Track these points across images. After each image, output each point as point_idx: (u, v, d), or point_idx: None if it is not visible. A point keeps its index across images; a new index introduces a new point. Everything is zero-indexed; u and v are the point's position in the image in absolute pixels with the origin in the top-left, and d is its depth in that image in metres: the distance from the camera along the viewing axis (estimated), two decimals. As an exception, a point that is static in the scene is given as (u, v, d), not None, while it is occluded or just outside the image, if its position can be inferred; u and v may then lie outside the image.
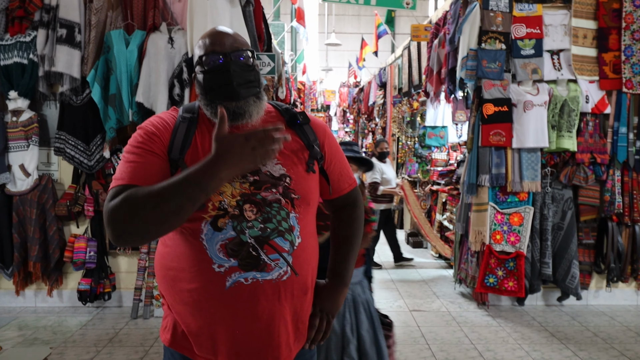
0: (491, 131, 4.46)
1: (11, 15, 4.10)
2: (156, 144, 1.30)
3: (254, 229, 1.29)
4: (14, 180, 4.16)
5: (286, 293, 1.33)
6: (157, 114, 1.42)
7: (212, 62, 1.32)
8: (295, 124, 1.43)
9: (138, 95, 4.05)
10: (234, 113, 1.31)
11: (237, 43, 1.35)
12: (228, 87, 1.30)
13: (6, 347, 3.58)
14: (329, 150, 1.49)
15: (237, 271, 1.28)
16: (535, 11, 4.51)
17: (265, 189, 1.32)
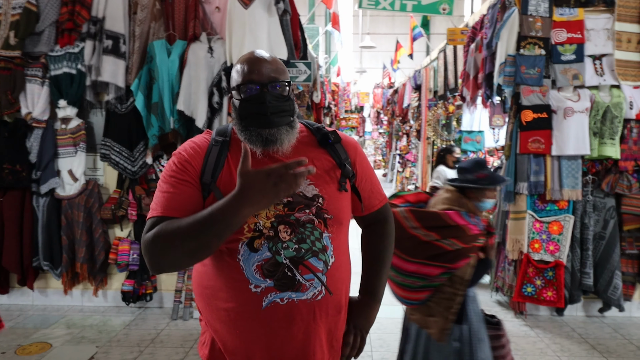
0: (530, 138, 4.39)
1: (61, 28, 4.29)
2: (188, 173, 1.35)
3: (288, 250, 1.33)
4: (62, 185, 4.36)
5: (321, 312, 1.36)
6: (191, 139, 1.47)
7: (248, 91, 1.36)
8: (327, 143, 1.46)
9: (179, 103, 4.18)
10: (266, 140, 1.35)
11: (274, 72, 1.38)
12: (263, 116, 1.34)
13: (56, 344, 3.76)
14: (360, 168, 1.51)
15: (273, 291, 1.32)
16: (576, 15, 4.42)
17: (299, 210, 1.36)
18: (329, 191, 1.40)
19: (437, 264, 2.17)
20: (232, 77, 1.42)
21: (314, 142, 1.47)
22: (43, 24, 4.28)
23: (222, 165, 1.37)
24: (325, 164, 1.43)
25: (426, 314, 2.31)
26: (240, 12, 4.23)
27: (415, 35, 11.68)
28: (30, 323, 4.19)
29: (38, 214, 4.36)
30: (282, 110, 1.37)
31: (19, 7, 4.24)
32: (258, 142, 1.36)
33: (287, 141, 1.38)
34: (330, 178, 1.42)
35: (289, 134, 1.38)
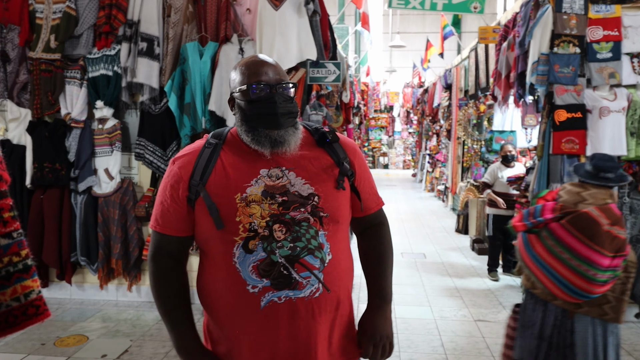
0: (563, 138, 4.31)
1: (98, 31, 4.43)
2: (177, 188, 1.41)
3: (283, 249, 1.34)
4: (99, 183, 4.51)
5: (320, 309, 1.37)
6: (190, 144, 1.52)
7: (258, 92, 1.38)
8: (325, 143, 1.48)
9: (210, 104, 4.27)
10: (275, 141, 1.38)
11: (280, 74, 1.42)
12: (273, 117, 1.37)
13: (92, 337, 3.90)
14: (359, 169, 1.53)
15: (270, 291, 1.33)
16: (613, 12, 4.30)
17: (294, 209, 1.36)
18: (325, 189, 1.41)
19: (621, 254, 2.25)
20: (233, 79, 1.44)
21: (313, 142, 1.49)
22: (82, 27, 4.43)
23: (211, 167, 1.39)
24: (323, 162, 1.45)
25: (598, 303, 2.35)
26: (270, 14, 4.29)
27: (446, 34, 11.55)
28: (68, 316, 4.34)
29: (76, 211, 4.52)
30: (290, 111, 1.40)
31: (59, 12, 4.40)
32: (266, 143, 1.38)
33: (294, 142, 1.41)
34: (328, 176, 1.43)
35: (294, 135, 1.41)
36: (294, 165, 1.41)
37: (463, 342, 3.97)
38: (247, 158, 1.40)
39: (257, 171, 1.39)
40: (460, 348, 3.86)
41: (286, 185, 1.38)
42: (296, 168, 1.41)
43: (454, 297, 5.14)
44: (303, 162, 1.42)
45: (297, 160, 1.42)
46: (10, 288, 0.73)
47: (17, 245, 0.74)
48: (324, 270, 1.37)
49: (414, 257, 6.78)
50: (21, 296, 0.74)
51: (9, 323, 0.74)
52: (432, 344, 3.91)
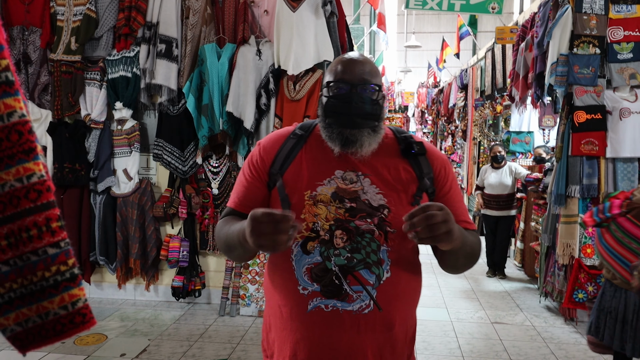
0: (583, 140, 4.25)
1: (118, 33, 4.49)
2: (259, 169, 1.41)
3: (340, 257, 1.29)
4: (118, 184, 4.56)
5: (367, 327, 1.30)
6: (278, 130, 1.51)
7: (338, 89, 1.35)
8: (410, 154, 1.40)
9: (228, 105, 4.30)
10: (346, 139, 1.33)
11: (367, 74, 1.36)
12: (346, 116, 1.33)
13: (111, 336, 3.95)
14: (445, 187, 1.41)
15: (319, 296, 1.30)
16: (634, 12, 4.24)
17: (360, 218, 1.31)
18: (397, 204, 1.34)
19: None
20: (325, 75, 1.42)
21: (397, 150, 1.41)
22: (101, 29, 4.49)
23: (292, 158, 1.38)
24: (403, 174, 1.37)
25: None
26: (288, 15, 4.30)
27: (462, 34, 11.47)
28: (87, 314, 4.40)
29: (95, 211, 4.58)
30: (368, 113, 1.34)
31: (79, 14, 4.46)
32: (337, 140, 1.34)
33: (368, 144, 1.34)
34: (404, 190, 1.35)
35: (370, 137, 1.34)
36: (371, 172, 1.35)
37: (480, 344, 3.95)
38: (326, 156, 1.37)
39: (332, 171, 1.35)
40: (478, 350, 3.84)
41: (358, 192, 1.33)
42: (372, 175, 1.35)
43: (470, 299, 5.11)
44: (381, 170, 1.36)
45: (376, 167, 1.36)
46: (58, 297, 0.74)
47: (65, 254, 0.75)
48: (379, 288, 1.30)
49: (430, 258, 6.68)
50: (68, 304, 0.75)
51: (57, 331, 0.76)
52: (449, 346, 3.90)
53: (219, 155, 4.57)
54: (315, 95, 4.32)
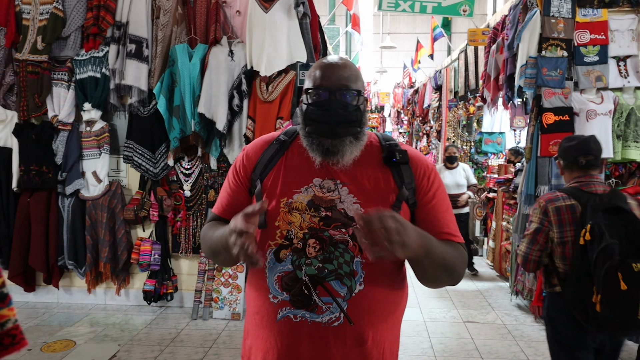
0: (551, 141, 4.33)
1: (86, 32, 4.39)
2: (241, 176, 1.42)
3: (310, 267, 1.26)
4: (87, 186, 4.47)
5: (336, 340, 1.26)
6: (264, 135, 1.47)
7: (317, 96, 1.31)
8: (392, 162, 1.34)
9: (200, 106, 4.25)
10: (327, 150, 1.29)
11: (347, 79, 1.31)
12: (326, 125, 1.29)
13: (79, 342, 3.86)
14: (428, 196, 1.34)
15: (288, 306, 1.27)
16: (600, 16, 4.34)
17: (335, 227, 1.28)
18: None
19: None
20: (305, 80, 1.38)
21: (379, 158, 1.35)
22: (69, 28, 4.38)
23: (273, 164, 1.36)
24: (382, 184, 1.32)
25: None
26: (260, 16, 4.28)
27: (436, 36, 11.60)
28: (55, 321, 4.30)
29: (63, 215, 4.48)
30: (349, 120, 1.30)
31: (46, 13, 4.35)
32: (318, 151, 1.30)
33: (349, 153, 1.30)
34: (383, 200, 1.30)
35: (352, 146, 1.30)
36: (350, 180, 1.31)
37: (452, 343, 3.99)
38: (307, 163, 1.34)
39: (310, 179, 1.32)
40: (450, 350, 3.88)
41: (335, 200, 1.29)
42: (351, 184, 1.31)
43: (443, 299, 5.16)
44: (361, 179, 1.32)
45: (355, 176, 1.32)
46: None
47: None
48: (350, 300, 1.25)
49: (404, 258, 6.79)
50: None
51: None
52: (421, 346, 3.93)
53: (191, 157, 4.52)
54: (288, 97, 4.30)
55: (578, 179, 2.37)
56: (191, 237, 4.57)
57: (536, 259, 2.34)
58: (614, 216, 2.16)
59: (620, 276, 2.02)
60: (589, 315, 2.12)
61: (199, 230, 4.55)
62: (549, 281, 2.39)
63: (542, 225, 2.33)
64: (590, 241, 2.13)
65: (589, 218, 2.17)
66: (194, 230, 4.57)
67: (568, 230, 2.28)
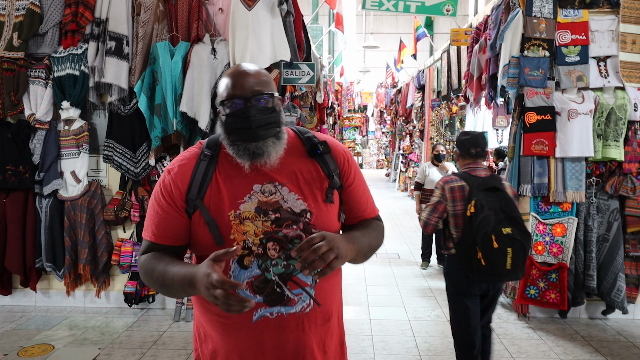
0: (533, 140, 4.37)
1: (64, 29, 4.29)
2: (174, 197, 1.39)
3: (277, 267, 1.36)
4: (65, 186, 4.37)
5: (310, 323, 1.40)
6: (183, 152, 1.49)
7: (233, 106, 1.37)
8: (316, 154, 1.46)
9: (182, 105, 4.18)
10: (253, 153, 1.37)
11: (259, 84, 1.38)
12: (248, 130, 1.36)
13: (58, 346, 3.77)
14: (351, 178, 1.50)
15: (263, 306, 1.36)
16: (580, 17, 4.39)
17: (287, 226, 1.37)
18: (316, 205, 1.41)
19: None
20: (218, 92, 1.43)
21: (303, 152, 1.46)
22: (46, 25, 4.28)
23: (208, 181, 1.39)
24: (314, 174, 1.44)
25: None
26: (243, 14, 4.23)
27: (419, 36, 11.65)
28: (32, 324, 4.20)
29: (41, 215, 4.37)
30: (268, 122, 1.38)
31: (22, 9, 4.24)
32: (245, 156, 1.37)
33: (275, 153, 1.39)
34: (318, 189, 1.43)
35: (275, 146, 1.39)
36: (286, 179, 1.40)
37: (437, 342, 4.00)
38: (240, 172, 1.40)
39: (250, 187, 1.39)
40: (434, 348, 3.89)
41: (279, 202, 1.38)
42: (289, 183, 1.40)
43: (427, 297, 5.17)
44: (295, 176, 1.42)
45: (289, 173, 1.41)
46: None
47: None
48: (316, 286, 1.40)
49: (388, 257, 6.81)
50: None
51: None
52: (406, 345, 3.92)
53: (172, 156, 4.45)
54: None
55: (468, 166, 3.03)
56: (173, 238, 4.49)
57: (434, 224, 2.99)
58: (492, 194, 2.83)
59: (494, 238, 2.68)
60: (474, 268, 2.76)
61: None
62: (446, 246, 3.03)
63: (441, 199, 2.96)
64: (475, 213, 2.76)
65: (474, 195, 2.82)
66: (176, 231, 4.49)
67: (459, 205, 2.91)
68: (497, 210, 2.76)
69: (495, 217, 2.73)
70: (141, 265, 1.41)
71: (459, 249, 2.88)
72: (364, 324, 4.36)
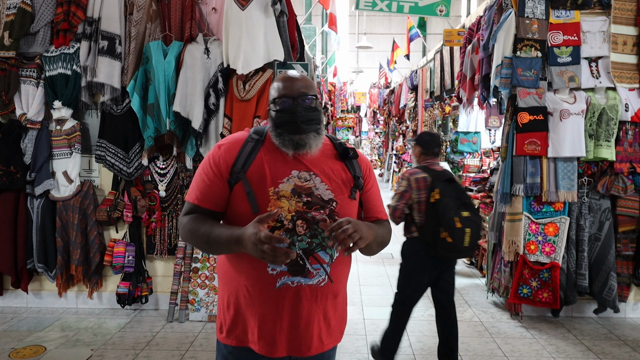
0: (526, 140, 4.40)
1: (56, 28, 4.26)
2: (221, 168, 1.62)
3: (302, 242, 1.57)
4: (57, 187, 4.33)
5: (322, 296, 1.63)
6: (231, 135, 1.74)
7: (282, 103, 1.63)
8: (346, 157, 1.71)
9: (175, 104, 4.17)
10: (297, 144, 1.61)
11: (305, 88, 1.65)
12: (293, 124, 1.61)
13: (50, 347, 3.74)
14: (370, 185, 1.78)
15: (286, 275, 1.58)
16: (572, 18, 4.42)
17: (315, 209, 1.59)
18: (341, 197, 1.64)
19: None
20: (270, 93, 1.70)
21: (335, 154, 1.72)
22: (38, 24, 4.25)
23: (253, 158, 1.61)
24: (342, 174, 1.68)
25: None
26: (236, 13, 4.22)
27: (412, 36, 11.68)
28: (24, 326, 4.16)
29: (32, 216, 4.34)
30: (310, 119, 1.63)
31: (13, 7, 4.20)
32: (290, 145, 1.61)
33: (315, 145, 1.63)
34: (345, 187, 1.67)
35: (316, 139, 1.63)
36: (320, 172, 1.64)
37: (430, 341, 4.01)
38: (283, 158, 1.63)
39: (289, 171, 1.61)
40: (428, 347, 3.90)
41: (312, 188, 1.60)
42: (321, 174, 1.63)
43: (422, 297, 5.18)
44: (327, 170, 1.65)
45: (322, 168, 1.65)
46: None
47: None
48: (332, 265, 1.62)
49: (382, 257, 6.81)
50: None
51: None
52: (400, 345, 3.92)
53: (166, 156, 4.43)
54: (265, 95, 4.26)
55: (427, 161, 3.48)
56: (166, 238, 4.48)
57: (402, 209, 3.37)
58: (449, 184, 3.32)
59: (457, 219, 3.16)
60: (439, 246, 3.19)
61: (175, 231, 4.47)
62: (409, 230, 3.42)
63: (407, 189, 3.36)
64: (439, 199, 3.21)
65: (436, 185, 3.27)
66: (170, 231, 4.48)
67: (422, 193, 3.32)
68: (455, 197, 3.25)
69: (455, 203, 3.21)
70: (185, 224, 1.61)
71: (423, 231, 3.32)
72: (358, 324, 4.36)
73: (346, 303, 1.80)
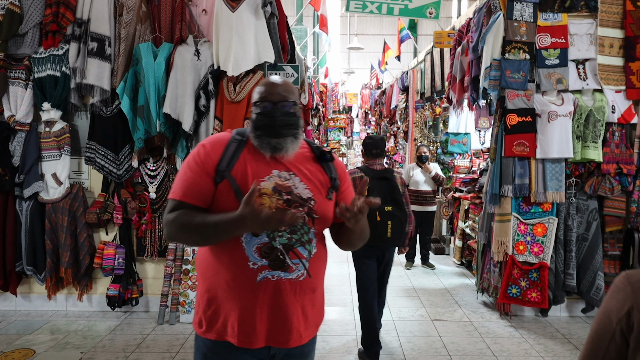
0: (515, 141, 4.44)
1: (45, 30, 4.24)
2: (206, 165, 1.65)
3: (282, 238, 1.63)
4: (46, 189, 4.31)
5: (300, 290, 1.67)
6: (214, 135, 1.77)
7: (263, 107, 1.69)
8: (323, 160, 1.78)
9: (165, 106, 4.16)
10: (274, 147, 1.67)
11: (286, 92, 1.71)
12: (272, 128, 1.67)
13: (39, 350, 3.72)
14: (345, 186, 1.85)
15: (267, 269, 1.62)
16: (560, 21, 4.47)
17: (294, 207, 1.64)
18: (319, 197, 1.70)
19: None
20: (253, 96, 1.74)
21: (313, 157, 1.78)
22: (26, 25, 4.22)
23: (237, 158, 1.66)
24: (319, 176, 1.74)
25: None
26: (227, 15, 4.22)
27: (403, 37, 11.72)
28: (12, 329, 4.13)
29: (21, 218, 4.31)
30: (289, 124, 1.68)
31: (1, 9, 4.18)
32: (267, 148, 1.67)
33: (292, 149, 1.69)
34: (322, 187, 1.74)
35: (293, 144, 1.69)
36: (298, 172, 1.70)
37: (420, 342, 4.03)
38: (263, 158, 1.69)
39: (270, 170, 1.67)
40: (418, 348, 3.92)
41: (291, 187, 1.65)
42: (300, 174, 1.69)
43: (411, 298, 5.21)
44: (305, 172, 1.72)
45: (301, 169, 1.71)
46: None
47: None
48: (310, 260, 1.67)
49: (373, 258, 6.83)
50: None
51: None
52: (390, 345, 3.95)
53: (156, 158, 4.42)
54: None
55: (369, 161, 3.79)
56: (157, 240, 4.47)
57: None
58: (383, 182, 3.63)
59: (377, 213, 3.49)
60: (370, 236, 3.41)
61: (165, 233, 4.46)
62: None
63: None
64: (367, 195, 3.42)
65: (370, 183, 3.48)
66: (160, 233, 4.47)
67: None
68: (385, 193, 3.57)
69: (384, 199, 3.53)
70: (173, 219, 1.61)
71: None
72: (349, 325, 4.38)
73: (323, 298, 1.84)
